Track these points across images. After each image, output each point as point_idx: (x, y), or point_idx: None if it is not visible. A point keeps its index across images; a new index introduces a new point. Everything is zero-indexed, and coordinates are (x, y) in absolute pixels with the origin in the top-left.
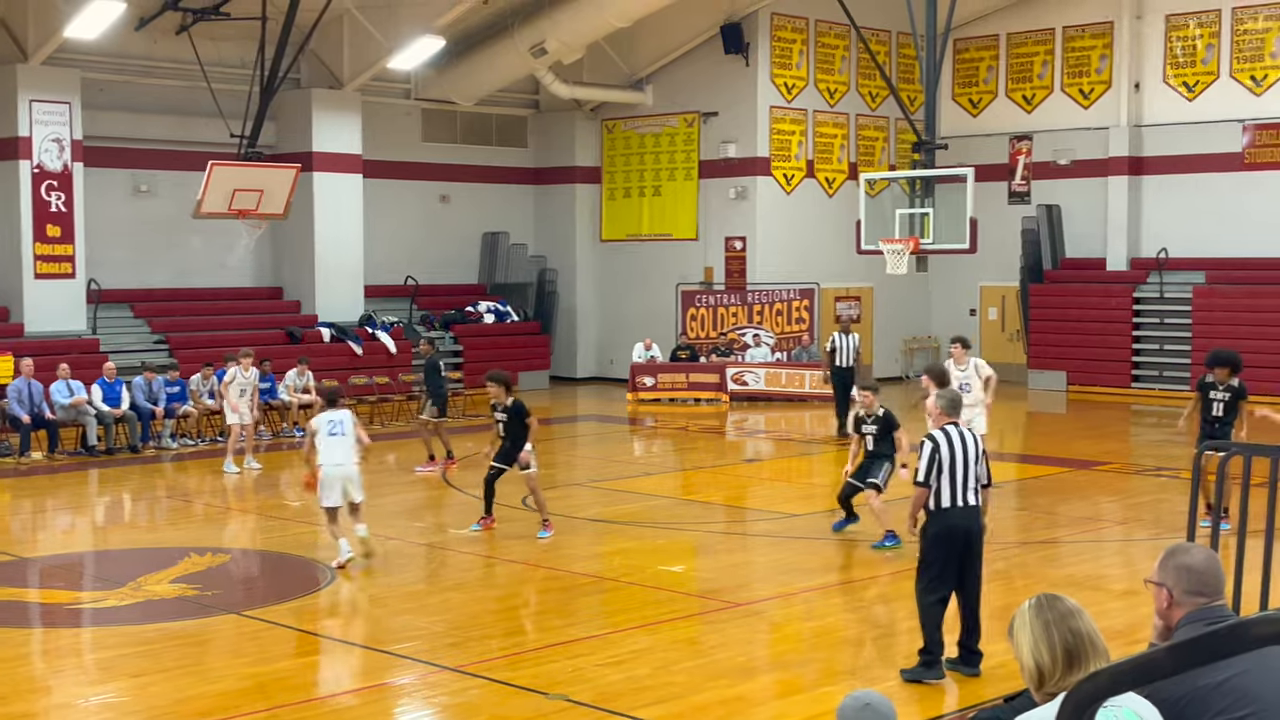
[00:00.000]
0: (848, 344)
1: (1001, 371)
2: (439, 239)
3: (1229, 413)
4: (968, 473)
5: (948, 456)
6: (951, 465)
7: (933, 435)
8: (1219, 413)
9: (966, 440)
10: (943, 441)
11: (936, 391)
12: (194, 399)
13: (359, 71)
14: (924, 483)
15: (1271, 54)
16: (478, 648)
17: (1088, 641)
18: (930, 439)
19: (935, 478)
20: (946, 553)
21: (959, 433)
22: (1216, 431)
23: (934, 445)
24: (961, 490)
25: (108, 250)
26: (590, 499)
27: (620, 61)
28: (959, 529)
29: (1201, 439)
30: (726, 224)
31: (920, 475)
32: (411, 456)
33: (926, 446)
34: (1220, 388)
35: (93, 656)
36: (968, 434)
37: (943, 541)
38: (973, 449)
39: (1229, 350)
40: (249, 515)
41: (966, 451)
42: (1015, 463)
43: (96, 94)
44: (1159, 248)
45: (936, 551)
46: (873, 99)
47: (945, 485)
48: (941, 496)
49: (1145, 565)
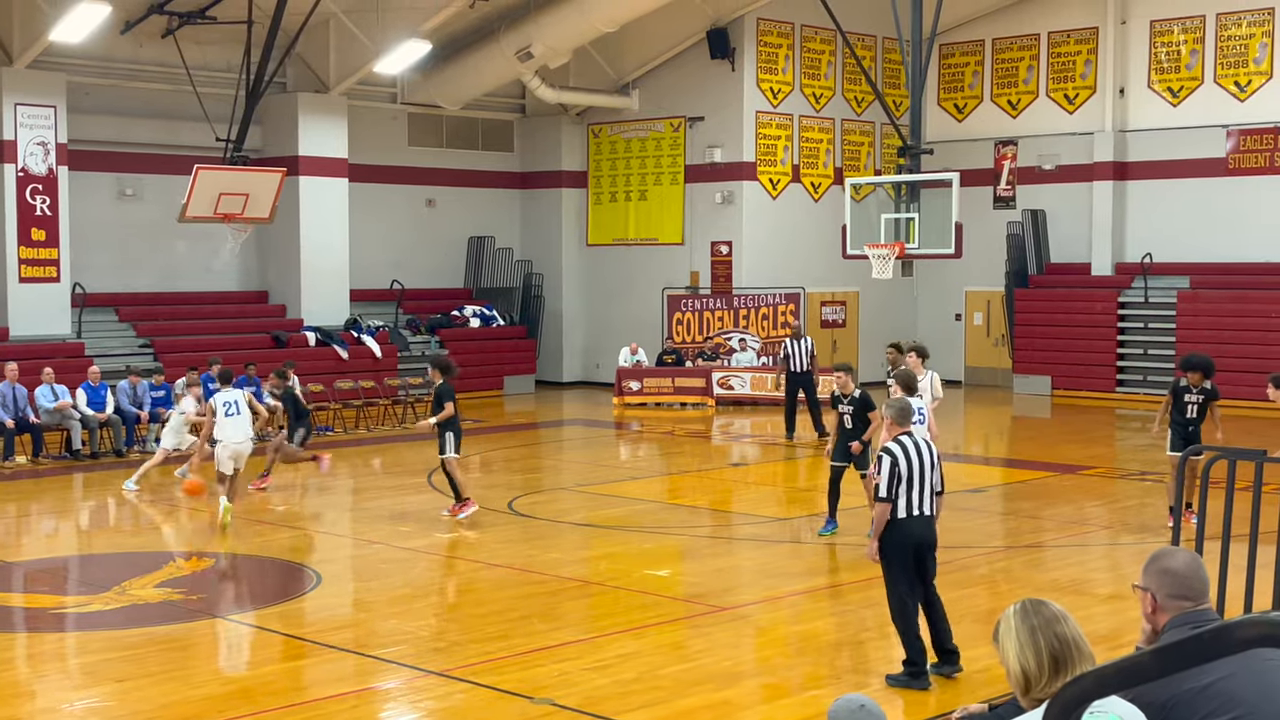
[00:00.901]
0: (800, 349)
1: (986, 376)
2: (425, 243)
3: (1201, 415)
4: (924, 482)
5: (905, 468)
6: (909, 476)
7: (890, 448)
8: (1193, 415)
9: (922, 449)
10: (900, 453)
11: (887, 401)
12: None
13: (345, 75)
14: (886, 498)
15: (1255, 59)
16: (463, 652)
17: (1074, 646)
18: (888, 452)
19: (895, 489)
20: (905, 560)
21: (914, 442)
22: (1190, 434)
23: (893, 459)
24: (918, 500)
25: (93, 254)
26: (576, 503)
27: (606, 66)
28: (915, 538)
29: (1174, 441)
30: (712, 228)
31: (882, 490)
32: (397, 460)
33: (885, 461)
34: (1194, 391)
35: (77, 661)
36: (922, 442)
37: (901, 550)
38: (928, 457)
39: (1202, 355)
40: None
41: (923, 460)
42: (1000, 467)
43: (82, 97)
44: (1144, 253)
45: (899, 562)
46: (858, 104)
47: (903, 496)
48: (898, 507)
49: (1130, 569)
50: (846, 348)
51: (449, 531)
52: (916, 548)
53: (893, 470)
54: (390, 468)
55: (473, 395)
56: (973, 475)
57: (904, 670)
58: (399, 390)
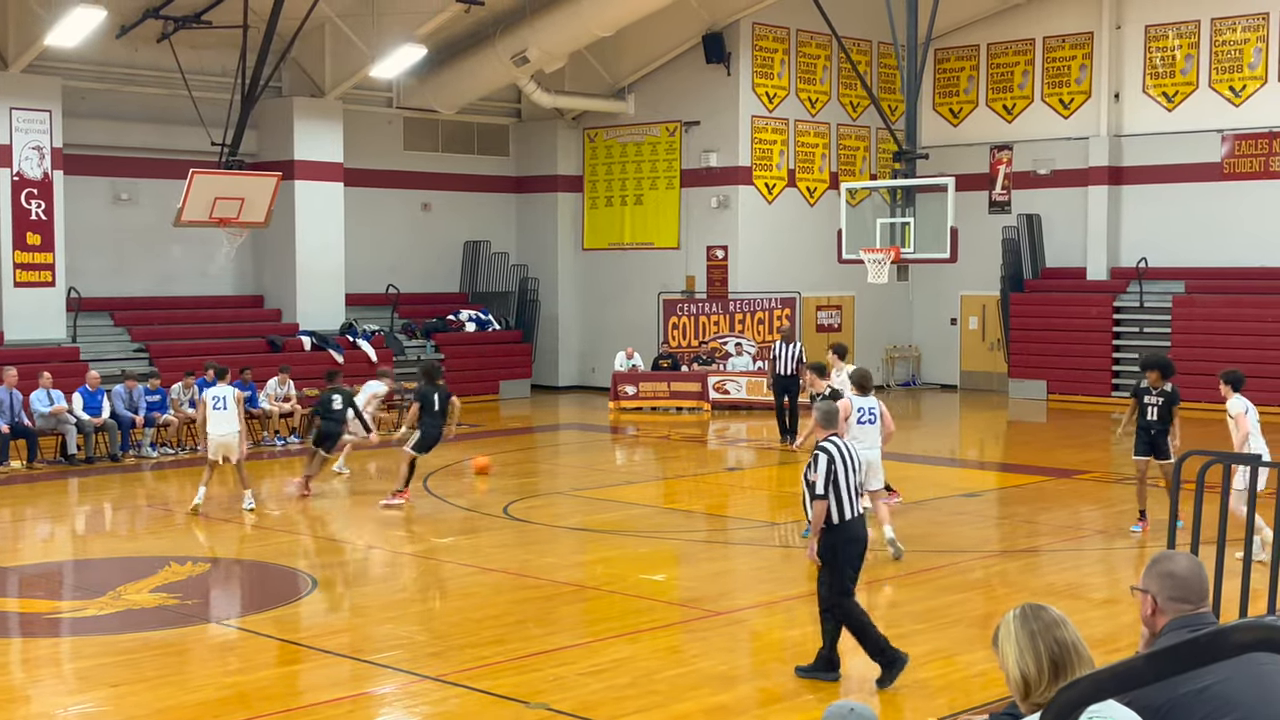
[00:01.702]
0: (788, 353)
1: (982, 381)
2: (420, 247)
3: (1163, 419)
4: (856, 482)
5: (841, 468)
6: (845, 477)
7: (825, 447)
8: (1153, 417)
9: (852, 451)
10: (835, 453)
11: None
12: (174, 408)
13: (341, 80)
14: (824, 495)
15: (1250, 64)
16: (459, 657)
17: (1073, 651)
18: (824, 450)
19: (832, 489)
20: (850, 563)
21: (845, 444)
22: (1153, 438)
23: (829, 457)
24: (855, 500)
25: (88, 258)
26: (572, 507)
27: (602, 70)
28: (862, 537)
29: (1138, 445)
30: (708, 233)
31: (819, 488)
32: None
33: (822, 458)
34: (1153, 393)
35: (72, 666)
36: (851, 445)
37: (850, 550)
38: (855, 458)
39: (1160, 354)
40: (229, 524)
41: (854, 462)
42: (996, 471)
43: (77, 102)
44: (1139, 257)
45: (847, 559)
46: (854, 108)
47: (845, 496)
48: (844, 508)
49: (1126, 574)
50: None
51: (444, 536)
52: (860, 548)
53: (829, 467)
54: (385, 472)
55: (468, 400)
56: (968, 479)
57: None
58: (394, 394)
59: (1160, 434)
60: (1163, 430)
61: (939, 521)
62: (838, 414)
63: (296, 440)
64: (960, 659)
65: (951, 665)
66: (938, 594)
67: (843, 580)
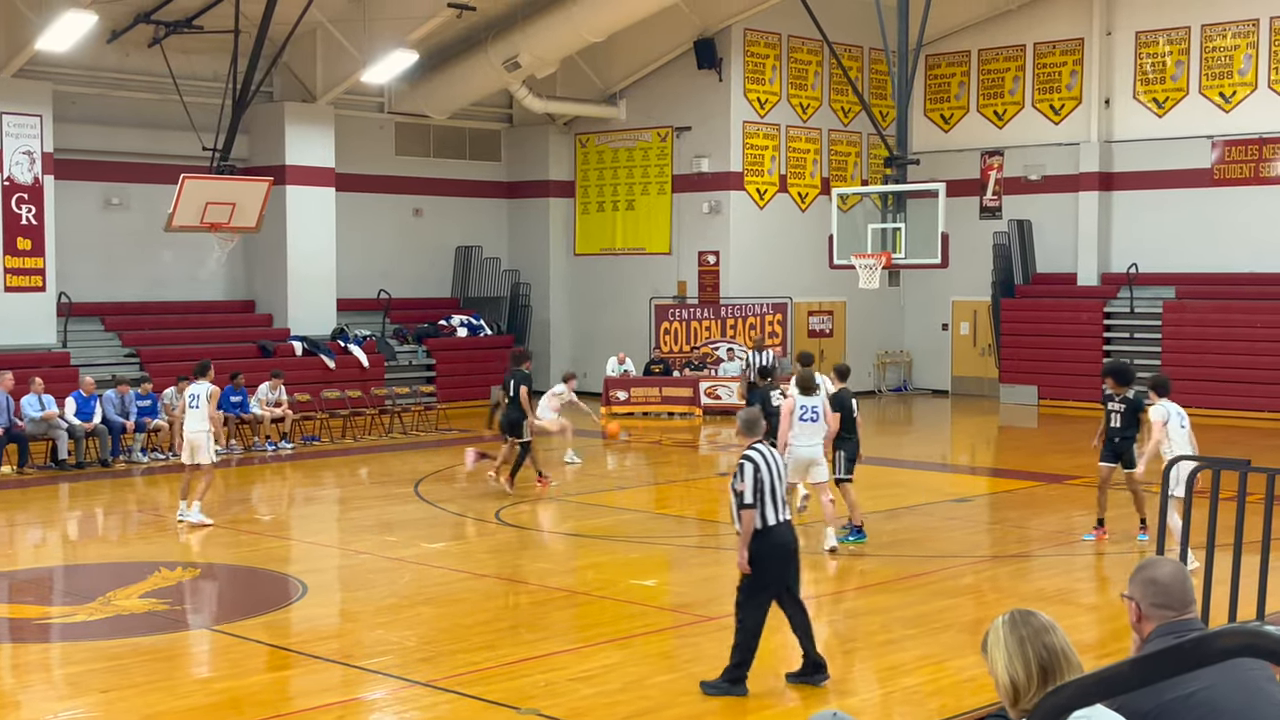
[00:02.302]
0: (761, 360)
1: (973, 386)
2: (412, 252)
3: (1127, 425)
4: (781, 489)
5: (767, 475)
6: (771, 484)
7: (750, 455)
8: (1116, 424)
9: (775, 457)
10: (760, 460)
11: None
12: (166, 412)
13: (332, 85)
14: (751, 504)
15: (1240, 70)
16: (450, 662)
17: (1062, 657)
18: (749, 459)
19: (759, 497)
20: (775, 569)
21: (769, 450)
22: (1117, 445)
23: (755, 465)
24: (781, 507)
25: (79, 263)
26: (563, 513)
27: (594, 76)
28: (786, 544)
29: (1104, 452)
30: (700, 238)
31: (747, 497)
32: (384, 470)
33: (748, 467)
34: (1116, 399)
35: (61, 672)
36: (772, 450)
37: (772, 559)
38: (780, 465)
39: (1119, 360)
40: (219, 529)
41: (779, 469)
42: (987, 476)
43: (68, 107)
44: (1129, 263)
45: (770, 571)
46: (845, 114)
47: (769, 504)
48: (768, 515)
49: (1116, 579)
50: (834, 357)
51: (435, 541)
52: (787, 554)
53: (755, 475)
54: (377, 477)
55: (459, 405)
56: (959, 485)
57: (725, 676)
58: (386, 400)
59: (1125, 441)
60: (1127, 437)
61: (930, 526)
62: (759, 421)
63: (288, 445)
64: (951, 664)
65: (942, 670)
66: (928, 599)
67: (760, 588)
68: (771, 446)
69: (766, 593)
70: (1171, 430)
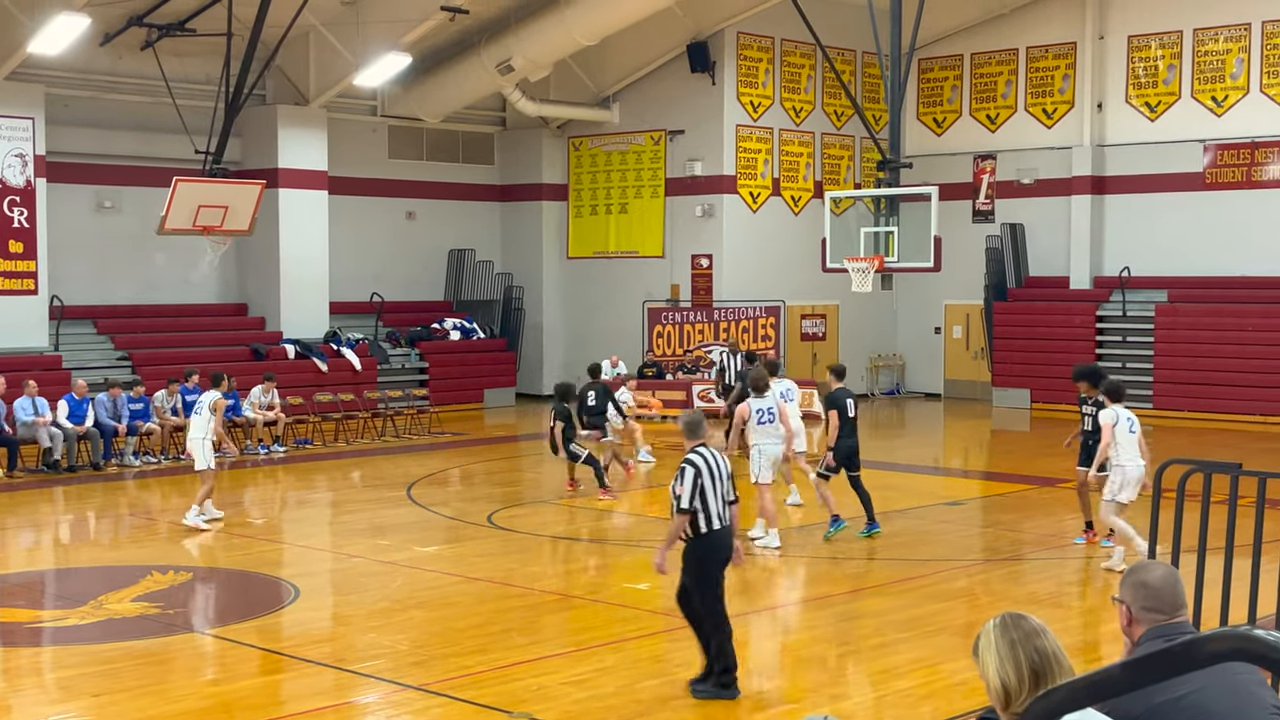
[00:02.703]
0: (734, 363)
1: (966, 389)
2: (405, 256)
3: (1098, 429)
4: (722, 493)
5: (709, 479)
6: (713, 487)
7: (691, 460)
8: (1089, 428)
9: (719, 460)
10: (702, 465)
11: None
12: (158, 415)
13: (325, 88)
14: (688, 509)
15: (1232, 74)
16: (442, 666)
17: (1053, 660)
18: (690, 464)
19: (699, 502)
20: (716, 573)
21: (710, 453)
22: (1090, 448)
23: (695, 470)
24: (721, 510)
25: (71, 266)
26: (555, 516)
27: (587, 79)
28: (726, 549)
29: (1080, 455)
30: (693, 242)
31: (685, 501)
32: (376, 474)
33: (688, 472)
34: (1089, 403)
35: (53, 676)
36: (717, 453)
37: (715, 562)
38: (724, 468)
39: (1089, 364)
40: (211, 533)
41: (720, 471)
42: (979, 480)
43: (60, 109)
44: (1122, 266)
45: (714, 570)
46: (838, 118)
47: (712, 508)
48: (711, 519)
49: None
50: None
51: (428, 545)
52: (726, 557)
53: (695, 481)
54: (370, 481)
55: (453, 408)
56: (951, 488)
57: (716, 680)
58: (378, 403)
59: (1098, 444)
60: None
61: (923, 530)
62: (701, 424)
63: (281, 448)
64: (943, 668)
65: (934, 674)
66: (921, 602)
67: (714, 591)
68: (714, 450)
69: (720, 596)
70: (1120, 434)
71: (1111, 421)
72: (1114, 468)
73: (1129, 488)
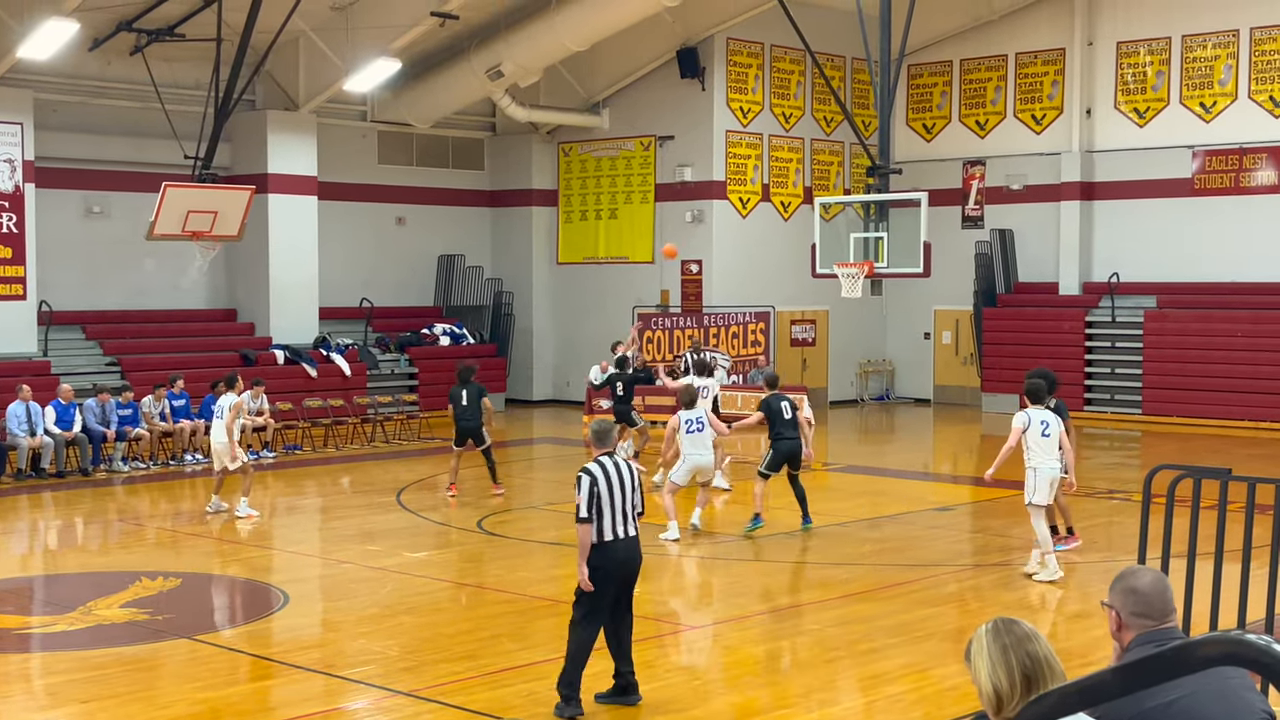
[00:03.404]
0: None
1: (955, 395)
2: (395, 261)
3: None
4: (626, 504)
5: (605, 489)
6: (610, 497)
7: (589, 469)
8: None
9: (622, 470)
10: (599, 474)
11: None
12: (146, 421)
13: (315, 93)
14: (586, 518)
15: (1220, 81)
16: (432, 672)
17: (1045, 665)
18: (586, 473)
19: (596, 511)
20: (608, 588)
21: (613, 463)
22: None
23: (591, 479)
24: (621, 522)
25: (59, 272)
26: (546, 521)
27: (577, 85)
28: (621, 561)
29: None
30: (683, 247)
31: (582, 511)
32: (366, 479)
33: (584, 481)
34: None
35: (42, 682)
36: (623, 464)
37: (605, 576)
38: (628, 479)
39: (1042, 369)
40: (201, 539)
41: (623, 482)
42: (969, 485)
43: (49, 115)
44: (1111, 272)
45: (602, 587)
46: (827, 124)
47: (606, 518)
48: (604, 530)
49: (1097, 587)
50: (816, 366)
51: (417, 551)
52: (624, 572)
53: (591, 490)
54: (359, 486)
55: (442, 414)
56: (941, 493)
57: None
58: (368, 409)
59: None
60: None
61: (913, 535)
62: (610, 432)
63: (270, 454)
64: (934, 673)
65: (925, 679)
66: (911, 608)
67: (591, 606)
68: (619, 461)
69: (601, 615)
70: (1031, 437)
71: (1022, 425)
72: (1027, 470)
73: (1042, 490)
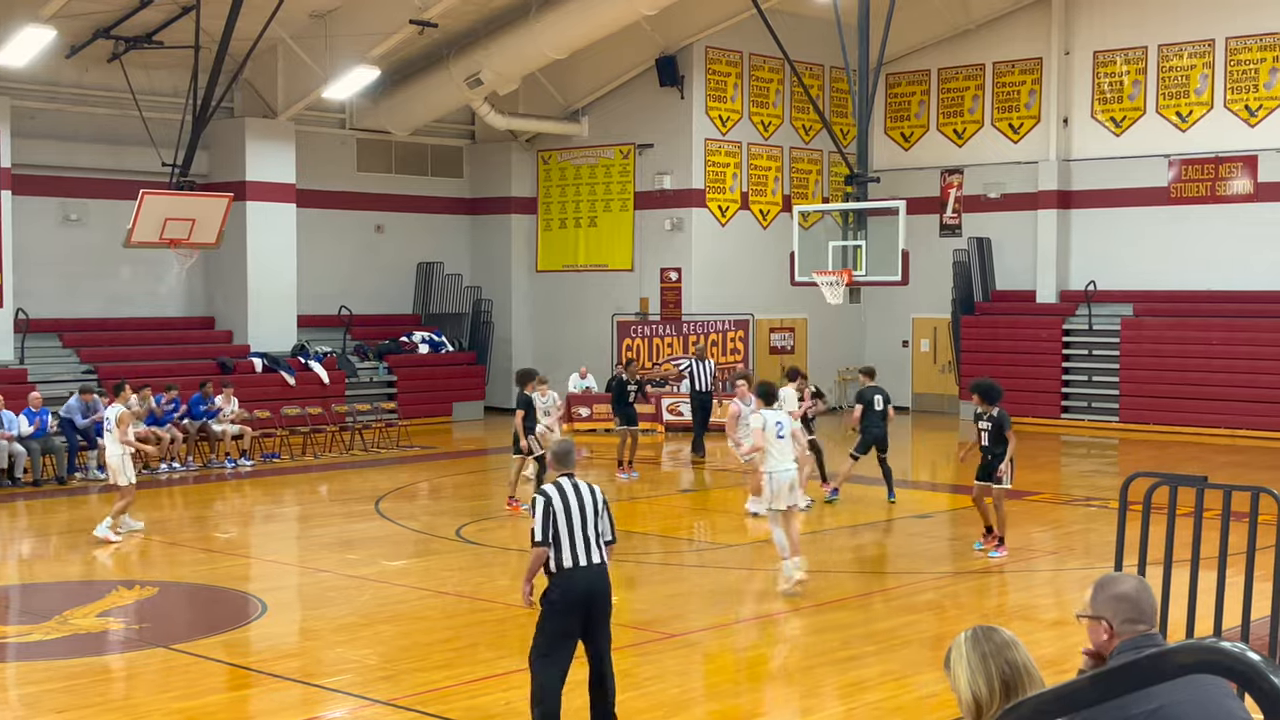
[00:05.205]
0: (704, 370)
1: (933, 403)
2: (373, 269)
3: (995, 442)
4: (588, 529)
5: (563, 511)
6: (569, 521)
7: (545, 490)
8: (985, 442)
9: (583, 493)
10: (555, 496)
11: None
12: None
13: (293, 101)
14: (541, 542)
15: (1196, 90)
16: (410, 681)
17: (1024, 673)
18: (543, 494)
19: (553, 536)
20: (569, 619)
21: (574, 485)
22: (988, 464)
23: (546, 500)
24: (584, 548)
25: (36, 279)
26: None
27: (556, 93)
28: (583, 591)
29: (978, 469)
30: (662, 255)
31: (537, 535)
32: (344, 487)
33: (539, 502)
34: (984, 417)
35: (17, 692)
36: (584, 486)
37: (565, 607)
38: (591, 502)
39: (984, 378)
40: (177, 548)
41: (584, 505)
42: (947, 493)
43: (26, 121)
44: (1088, 280)
45: (558, 618)
46: (806, 132)
47: (565, 544)
48: (563, 556)
49: (1075, 595)
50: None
51: (396, 559)
52: (587, 603)
53: (546, 512)
54: (337, 495)
55: (422, 421)
56: (920, 501)
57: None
58: (346, 417)
59: (995, 459)
60: (997, 455)
61: (891, 543)
62: (569, 454)
63: (248, 462)
64: (912, 680)
65: (903, 687)
66: (889, 615)
67: (547, 642)
68: (576, 480)
69: (565, 648)
70: (769, 439)
71: (759, 426)
72: (764, 475)
73: (781, 495)
